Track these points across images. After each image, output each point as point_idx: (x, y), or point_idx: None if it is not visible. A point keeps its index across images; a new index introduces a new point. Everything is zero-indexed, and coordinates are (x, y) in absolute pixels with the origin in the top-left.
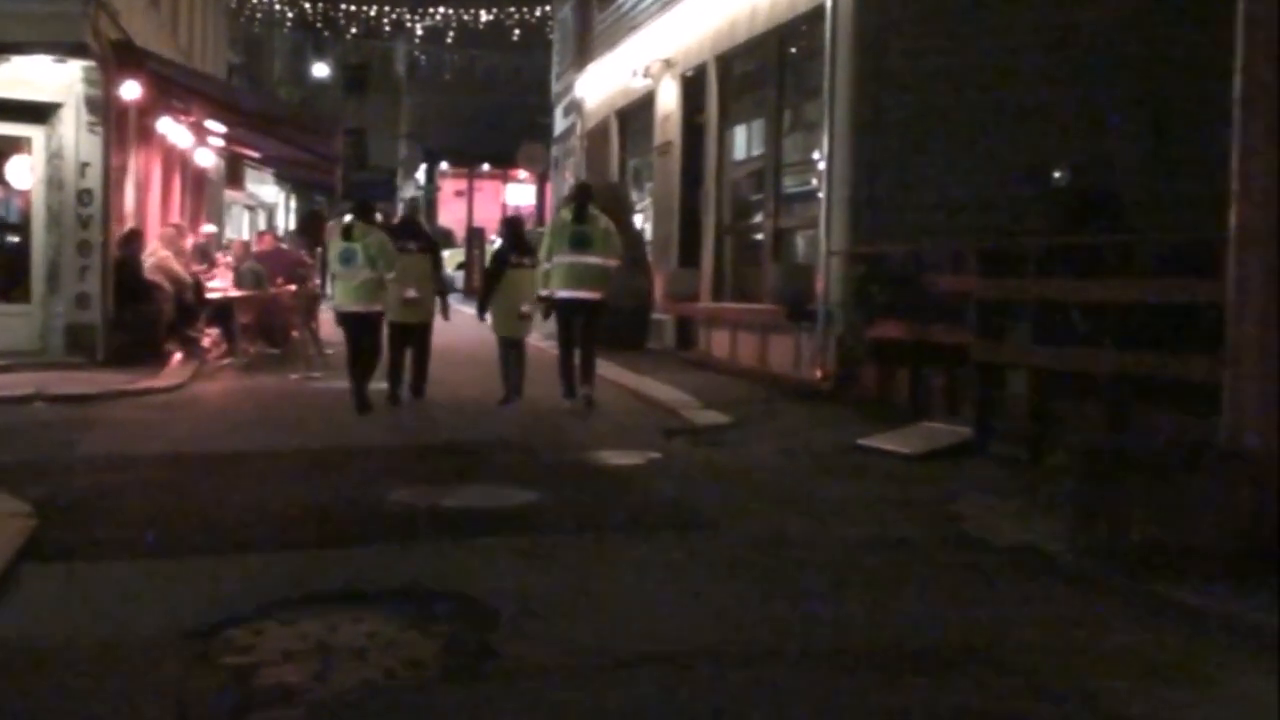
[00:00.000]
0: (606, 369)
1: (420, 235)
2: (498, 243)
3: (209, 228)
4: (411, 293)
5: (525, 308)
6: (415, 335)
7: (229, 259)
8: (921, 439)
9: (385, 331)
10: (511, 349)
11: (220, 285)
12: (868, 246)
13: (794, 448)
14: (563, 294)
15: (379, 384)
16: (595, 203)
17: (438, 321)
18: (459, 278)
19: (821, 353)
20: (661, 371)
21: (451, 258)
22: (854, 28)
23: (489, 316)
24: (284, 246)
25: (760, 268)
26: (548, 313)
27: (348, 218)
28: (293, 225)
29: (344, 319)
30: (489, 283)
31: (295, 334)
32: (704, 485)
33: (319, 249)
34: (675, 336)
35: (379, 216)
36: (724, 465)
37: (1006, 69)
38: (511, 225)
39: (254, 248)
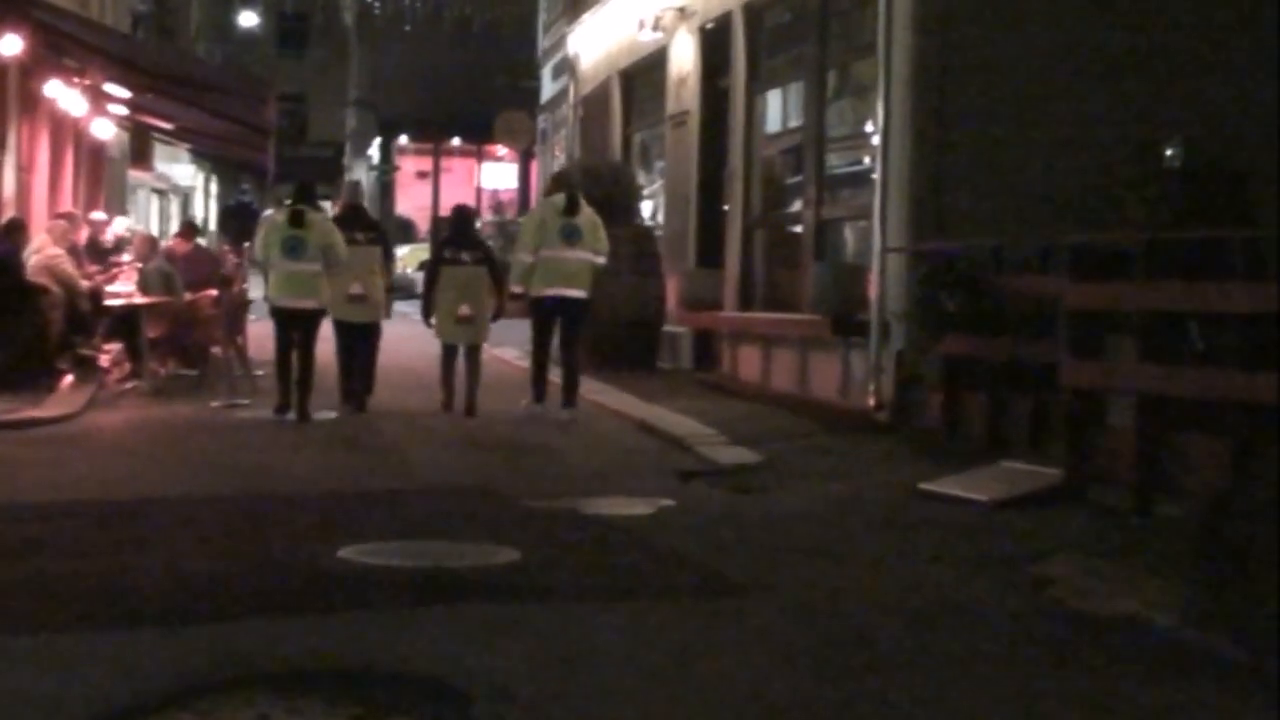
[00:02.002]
0: (606, 395)
1: (367, 224)
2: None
3: (126, 222)
4: (357, 288)
5: (464, 310)
6: (361, 337)
7: (123, 251)
8: (1000, 483)
9: (320, 333)
10: (454, 356)
11: (123, 290)
12: (934, 241)
13: (841, 494)
14: (547, 292)
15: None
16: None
17: (396, 335)
18: (420, 280)
19: (875, 374)
20: (675, 398)
21: (412, 255)
22: None
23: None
24: (202, 243)
25: (799, 268)
26: (537, 316)
27: (287, 203)
28: (214, 214)
29: (282, 315)
30: (427, 283)
31: (217, 351)
32: (727, 541)
33: (247, 244)
34: (692, 354)
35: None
36: (753, 515)
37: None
38: (458, 214)
39: (167, 244)
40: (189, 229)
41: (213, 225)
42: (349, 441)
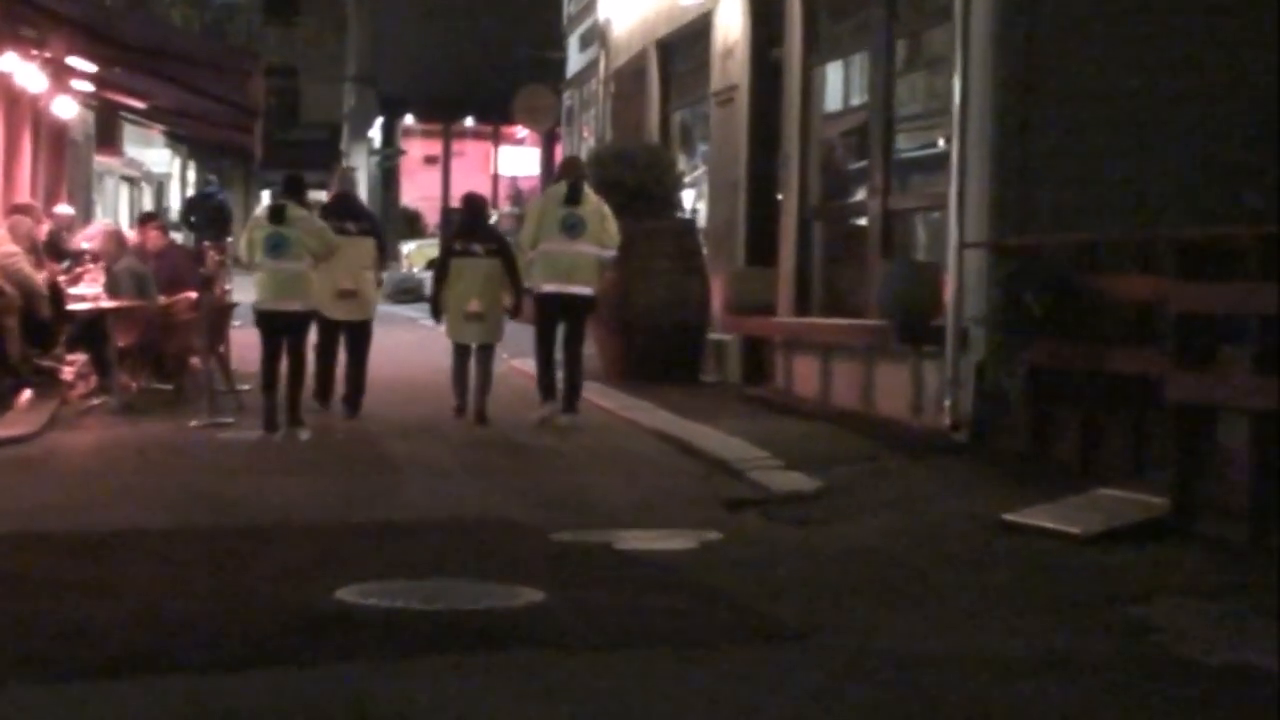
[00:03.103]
0: (642, 411)
1: (360, 214)
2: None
3: (100, 223)
4: (348, 283)
5: (473, 305)
6: (351, 336)
7: (87, 250)
8: (1096, 513)
9: (313, 335)
10: (466, 357)
11: (89, 293)
12: (1020, 236)
13: (911, 526)
14: (547, 288)
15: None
16: (592, 177)
17: (403, 341)
18: (430, 281)
19: (951, 388)
20: (722, 415)
21: (419, 252)
22: None
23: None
24: (178, 239)
25: (863, 267)
26: (539, 313)
27: (265, 195)
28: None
29: (267, 319)
30: (437, 278)
31: (195, 362)
32: (781, 580)
33: (228, 239)
34: (741, 365)
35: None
36: (810, 551)
37: None
38: (467, 204)
39: (135, 240)
40: (149, 220)
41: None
42: (346, 464)
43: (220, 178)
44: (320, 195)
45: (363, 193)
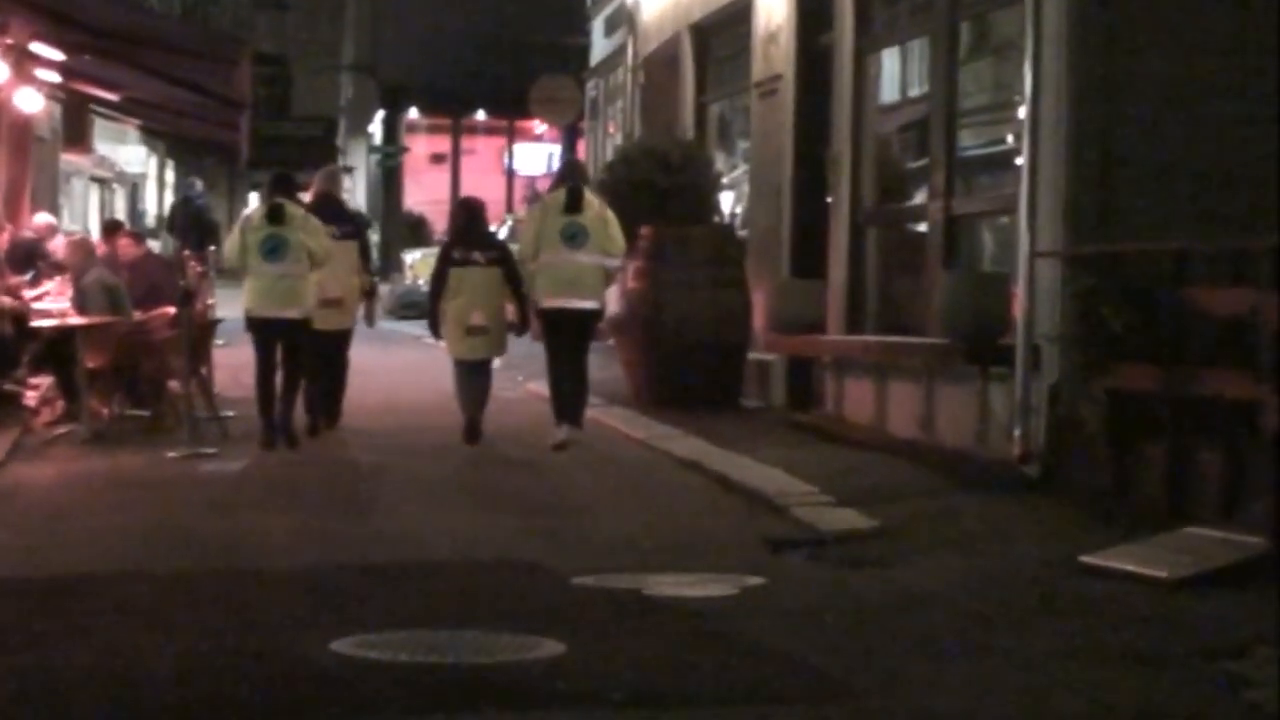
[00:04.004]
0: (675, 441)
1: (344, 217)
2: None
3: (44, 218)
4: (332, 290)
5: (476, 318)
6: (331, 347)
7: (54, 257)
8: (1185, 554)
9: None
10: (467, 373)
11: (55, 308)
12: (1099, 244)
13: (979, 569)
14: (550, 303)
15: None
16: (619, 178)
17: (402, 356)
18: None
19: (1022, 415)
20: (764, 445)
21: (424, 262)
22: None
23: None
24: (153, 247)
25: (923, 278)
26: (544, 329)
27: (253, 198)
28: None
29: (262, 328)
30: (434, 289)
31: (174, 386)
32: (832, 631)
33: (211, 248)
34: (787, 388)
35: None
36: (865, 598)
37: None
38: (465, 209)
39: (103, 249)
40: (115, 229)
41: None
42: (343, 498)
43: (203, 179)
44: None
45: (361, 195)
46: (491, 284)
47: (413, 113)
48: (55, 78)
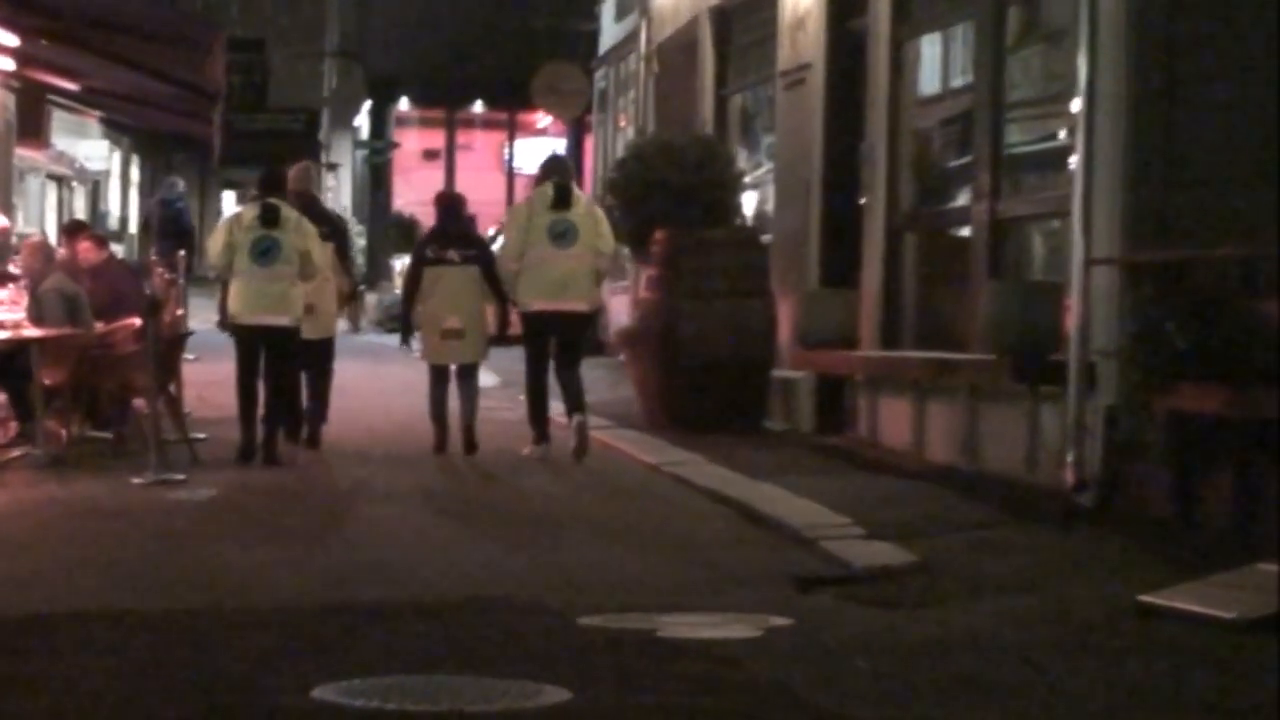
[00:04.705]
0: (692, 467)
1: (322, 218)
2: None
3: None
4: (310, 297)
5: (451, 321)
6: (311, 357)
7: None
8: (1254, 593)
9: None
10: (445, 382)
11: (8, 319)
12: (1160, 250)
13: (1027, 609)
14: (536, 306)
15: None
16: (631, 176)
17: (389, 372)
18: None
19: (1076, 438)
20: (791, 471)
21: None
22: None
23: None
24: (118, 251)
25: (966, 288)
26: (528, 334)
27: (228, 197)
28: (135, 210)
29: (249, 335)
30: (408, 291)
31: (140, 404)
32: (867, 677)
33: (182, 253)
34: (815, 409)
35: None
36: (901, 641)
37: None
38: (444, 204)
39: (63, 254)
40: (79, 230)
41: (133, 225)
42: (324, 528)
43: (172, 177)
44: None
45: (346, 195)
46: (469, 284)
47: (403, 104)
48: (9, 65)
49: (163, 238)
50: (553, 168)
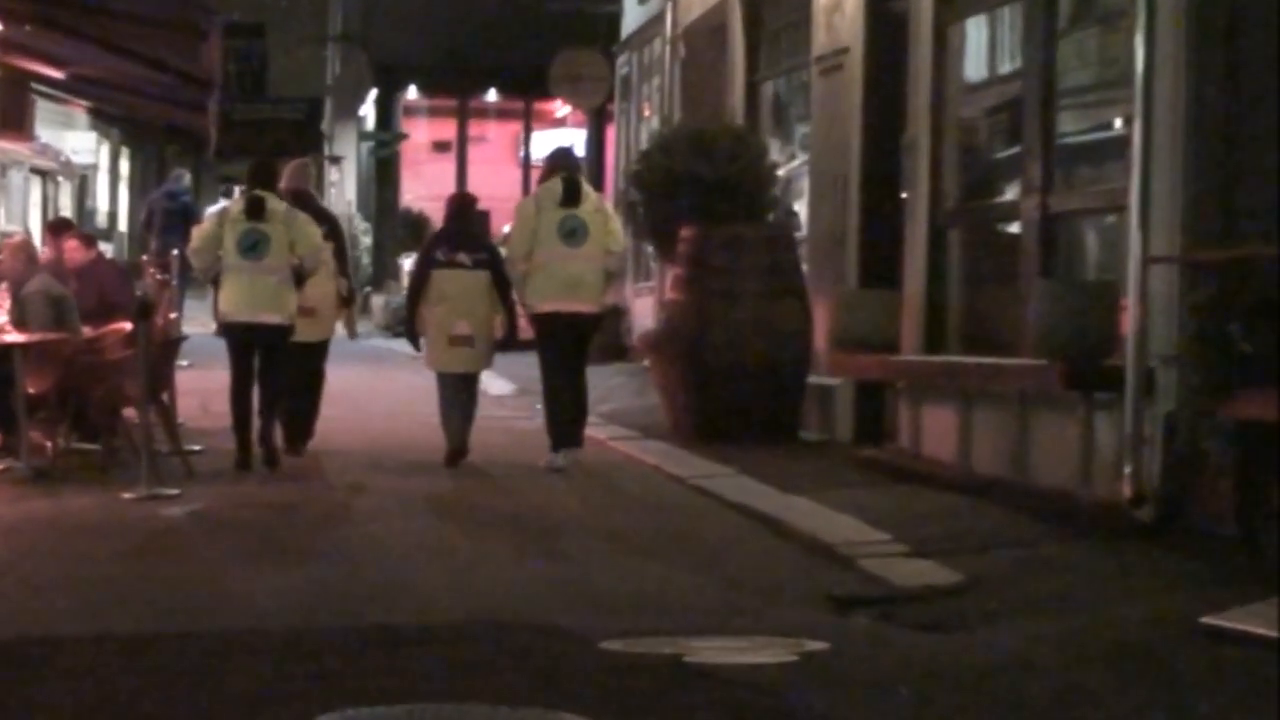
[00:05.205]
0: (722, 480)
1: (320, 216)
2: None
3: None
4: (307, 299)
5: (461, 327)
6: (304, 360)
7: None
8: None
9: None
10: (453, 389)
11: None
12: (1224, 248)
13: (1081, 632)
14: (546, 308)
15: None
16: (656, 169)
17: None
18: None
19: (1134, 449)
20: (827, 485)
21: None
22: None
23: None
24: (107, 251)
25: (1016, 288)
26: (540, 338)
27: (220, 192)
28: (125, 207)
29: (239, 334)
30: (413, 295)
31: (131, 414)
32: (910, 705)
33: (174, 253)
34: (853, 418)
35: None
36: (947, 666)
37: None
38: (455, 205)
39: (46, 253)
40: (64, 228)
41: (123, 222)
42: (326, 546)
43: (166, 167)
44: None
45: (351, 190)
46: (479, 289)
47: (412, 93)
48: None
49: (168, 233)
50: (560, 161)
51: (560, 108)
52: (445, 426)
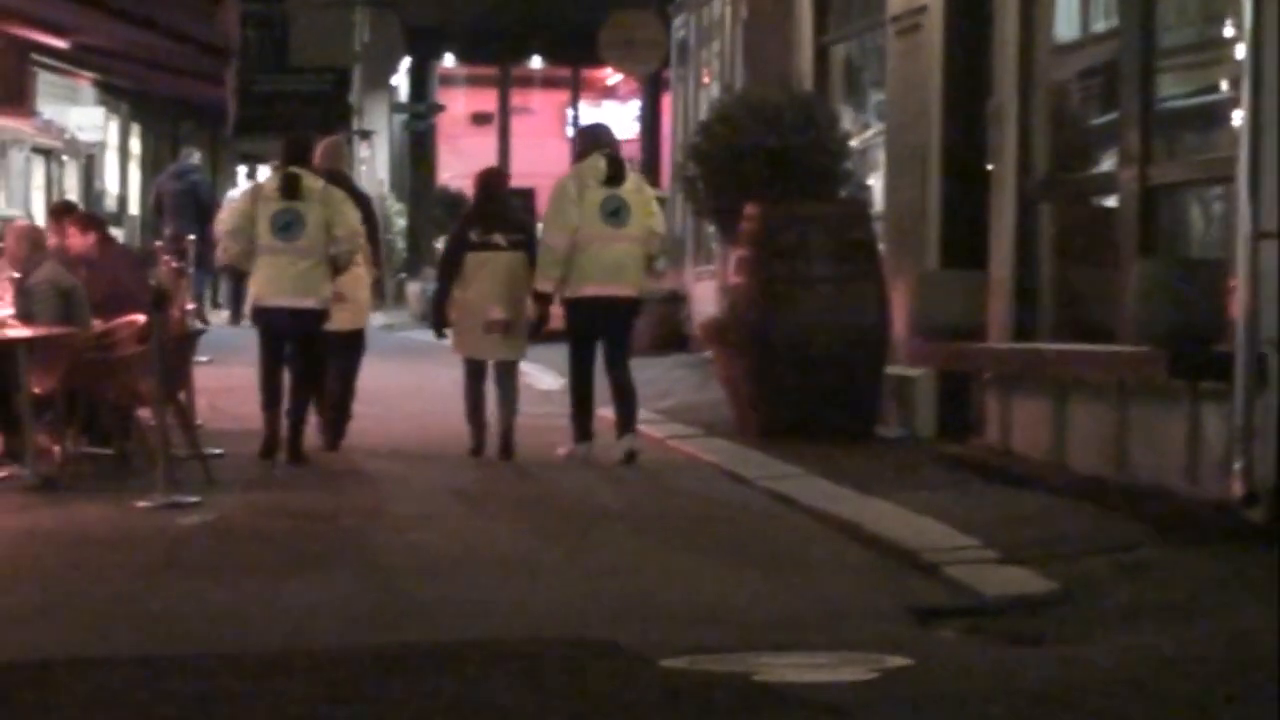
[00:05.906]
0: (794, 481)
1: (355, 197)
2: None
3: None
4: (339, 286)
5: (495, 312)
6: (338, 350)
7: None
8: None
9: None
10: (482, 379)
11: None
12: None
13: (1189, 644)
14: (587, 291)
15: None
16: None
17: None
18: None
19: (1244, 443)
20: (908, 485)
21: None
22: None
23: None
24: (117, 236)
25: (1114, 268)
26: (575, 324)
27: (243, 173)
28: (136, 188)
29: (272, 318)
30: (444, 278)
31: (145, 415)
32: None
33: (191, 239)
34: (936, 412)
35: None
36: (1041, 683)
37: None
38: (485, 182)
39: (53, 239)
40: (66, 212)
41: (134, 205)
42: (359, 557)
43: (179, 145)
44: None
45: (383, 167)
46: (515, 271)
47: (448, 60)
48: None
49: (178, 217)
50: (600, 138)
51: (611, 75)
52: (470, 419)
